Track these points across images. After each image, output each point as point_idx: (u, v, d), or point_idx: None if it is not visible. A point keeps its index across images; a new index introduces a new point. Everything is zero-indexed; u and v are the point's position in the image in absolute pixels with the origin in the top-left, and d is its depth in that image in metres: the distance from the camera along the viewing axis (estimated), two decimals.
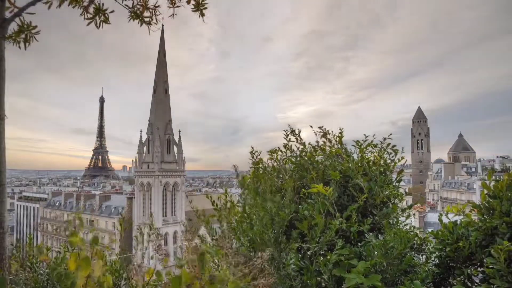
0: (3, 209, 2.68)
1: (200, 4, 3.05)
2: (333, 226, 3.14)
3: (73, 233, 1.74)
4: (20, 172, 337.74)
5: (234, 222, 4.01)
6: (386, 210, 3.52)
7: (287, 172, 4.09)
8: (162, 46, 68.84)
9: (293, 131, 4.28)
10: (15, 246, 4.08)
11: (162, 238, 52.81)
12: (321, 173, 3.80)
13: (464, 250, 2.90)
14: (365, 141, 3.96)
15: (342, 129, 4.13)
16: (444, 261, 3.11)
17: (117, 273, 3.94)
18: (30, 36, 2.85)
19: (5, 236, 2.71)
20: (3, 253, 2.61)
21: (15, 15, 2.67)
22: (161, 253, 2.63)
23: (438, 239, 3.17)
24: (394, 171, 3.86)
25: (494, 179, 3.04)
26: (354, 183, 3.58)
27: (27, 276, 3.57)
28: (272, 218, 3.47)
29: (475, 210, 3.08)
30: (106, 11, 2.90)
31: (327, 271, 2.94)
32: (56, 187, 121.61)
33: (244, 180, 4.24)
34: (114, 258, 4.32)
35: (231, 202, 4.27)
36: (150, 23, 3.08)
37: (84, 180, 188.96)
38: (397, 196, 3.71)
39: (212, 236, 3.95)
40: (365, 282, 2.65)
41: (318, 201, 3.40)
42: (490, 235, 2.83)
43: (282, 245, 3.40)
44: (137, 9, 3.05)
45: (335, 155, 4.00)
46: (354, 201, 3.52)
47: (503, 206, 2.77)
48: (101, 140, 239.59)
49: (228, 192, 4.40)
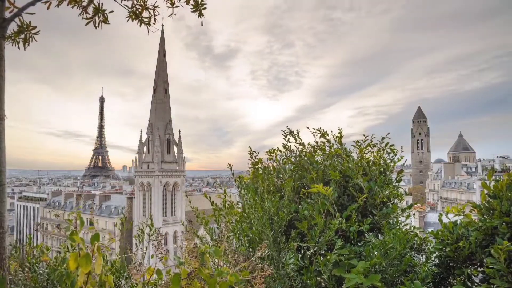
0: (3, 209, 2.68)
1: (199, 4, 3.04)
2: (333, 226, 3.14)
3: (73, 232, 1.74)
4: (20, 172, 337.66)
5: (233, 222, 4.01)
6: (386, 210, 3.52)
7: (287, 172, 4.09)
8: (162, 46, 68.84)
9: (291, 132, 4.28)
10: (14, 246, 4.08)
11: (162, 237, 52.81)
12: (321, 173, 3.80)
13: (464, 250, 2.90)
14: (365, 141, 3.96)
15: (341, 129, 4.13)
16: (444, 261, 3.11)
17: (117, 273, 3.95)
18: (29, 36, 2.85)
19: (5, 236, 2.71)
20: (3, 253, 2.61)
21: (15, 15, 2.67)
22: (160, 251, 2.63)
23: (438, 239, 3.17)
24: (394, 171, 3.86)
25: (494, 179, 3.04)
26: (354, 183, 3.58)
27: (26, 276, 3.56)
28: (271, 218, 3.47)
29: (475, 210, 3.08)
30: (105, 11, 2.90)
31: (326, 271, 2.94)
32: (56, 187, 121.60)
33: (241, 180, 4.24)
34: (114, 258, 4.32)
35: (230, 202, 4.27)
36: (149, 23, 3.08)
37: (84, 180, 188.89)
38: (397, 196, 3.71)
39: (212, 236, 3.95)
40: (365, 282, 2.64)
41: (318, 201, 3.40)
42: (490, 235, 2.83)
43: (281, 245, 3.40)
44: (136, 9, 3.05)
45: (335, 155, 3.99)
46: (354, 201, 3.51)
47: (503, 206, 2.77)
48: (101, 140, 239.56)
49: (228, 192, 4.40)
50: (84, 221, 1.95)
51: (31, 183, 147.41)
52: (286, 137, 4.29)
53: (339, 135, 4.13)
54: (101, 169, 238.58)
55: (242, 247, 3.65)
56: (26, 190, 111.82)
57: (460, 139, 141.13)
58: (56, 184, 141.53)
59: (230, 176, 4.63)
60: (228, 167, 4.51)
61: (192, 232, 3.43)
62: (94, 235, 1.77)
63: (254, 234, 3.55)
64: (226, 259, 2.77)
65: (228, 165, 4.53)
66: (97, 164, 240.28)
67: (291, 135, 4.29)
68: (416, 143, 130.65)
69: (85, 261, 1.66)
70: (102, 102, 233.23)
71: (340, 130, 4.13)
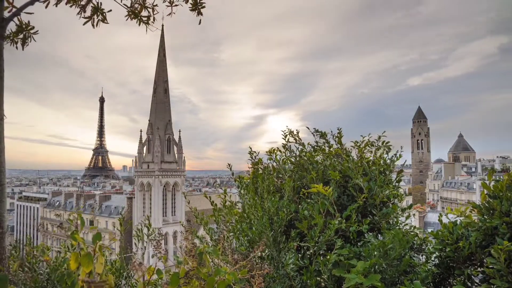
0: (3, 209, 2.68)
1: (198, 3, 3.03)
2: (333, 226, 3.14)
3: (73, 232, 1.73)
4: (20, 172, 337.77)
5: (233, 222, 4.01)
6: (386, 210, 3.51)
7: (287, 172, 4.08)
8: (162, 45, 68.79)
9: (291, 132, 4.28)
10: (14, 246, 4.07)
11: (162, 237, 52.73)
12: (321, 173, 3.79)
13: (464, 250, 2.90)
14: (363, 141, 3.95)
15: (340, 128, 4.13)
16: (444, 261, 3.10)
17: (117, 273, 3.95)
18: (28, 36, 2.84)
19: (5, 236, 2.71)
20: (3, 253, 2.61)
21: (14, 14, 2.66)
22: (159, 251, 2.63)
23: (438, 239, 3.16)
24: (393, 171, 3.85)
25: (494, 179, 3.03)
26: (353, 183, 3.57)
27: (26, 276, 3.56)
28: (271, 218, 3.47)
29: (475, 210, 3.08)
30: (104, 10, 2.90)
31: (326, 271, 2.94)
32: (56, 187, 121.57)
33: (241, 180, 4.24)
34: (114, 258, 4.32)
35: (230, 202, 4.27)
36: (148, 23, 3.07)
37: (84, 180, 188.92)
38: (397, 196, 3.70)
39: (211, 236, 3.95)
40: (365, 282, 2.64)
41: (317, 201, 3.40)
42: (490, 235, 2.82)
43: (281, 245, 3.40)
44: (135, 9, 3.04)
45: (335, 155, 3.99)
46: (354, 201, 3.51)
47: (503, 206, 2.77)
48: (101, 140, 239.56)
49: (228, 192, 4.39)
50: (84, 221, 1.95)
51: (31, 183, 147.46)
52: (286, 137, 4.28)
53: (338, 135, 4.13)
54: (101, 169, 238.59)
55: (242, 247, 3.65)
56: (26, 190, 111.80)
57: (460, 139, 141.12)
58: (56, 184, 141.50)
59: (230, 176, 4.61)
60: (231, 169, 4.49)
61: (191, 232, 3.43)
62: (95, 234, 1.77)
63: (254, 234, 3.54)
64: (225, 259, 2.76)
65: (228, 165, 4.52)
66: (97, 164, 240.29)
67: (291, 135, 4.29)
68: (416, 143, 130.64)
69: (86, 260, 1.65)
70: (102, 102, 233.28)
71: (339, 130, 4.13)
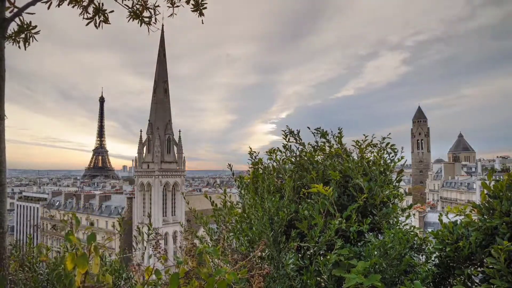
0: (3, 209, 2.68)
1: (199, 4, 3.04)
2: (333, 226, 3.14)
3: (68, 232, 1.73)
4: (20, 172, 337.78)
5: (233, 222, 4.01)
6: (386, 210, 3.52)
7: (287, 172, 4.08)
8: (162, 46, 68.84)
9: (291, 132, 4.28)
10: (14, 246, 4.07)
11: (162, 238, 52.92)
12: (321, 173, 3.80)
13: (464, 250, 2.90)
14: (365, 141, 3.96)
15: (341, 128, 4.13)
16: (444, 261, 3.10)
17: (116, 273, 3.95)
18: (29, 36, 2.84)
19: (5, 236, 2.71)
20: (3, 253, 2.61)
21: (15, 14, 2.67)
22: (158, 251, 2.63)
23: (438, 239, 3.16)
24: (394, 171, 3.86)
25: (494, 179, 3.03)
26: (354, 183, 3.57)
27: (26, 276, 3.56)
28: (271, 218, 3.47)
29: (475, 210, 3.08)
30: (105, 11, 2.90)
31: (326, 271, 2.94)
32: (56, 187, 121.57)
33: (241, 180, 4.24)
34: (114, 258, 4.32)
35: (230, 202, 4.26)
36: (150, 23, 3.08)
37: (84, 180, 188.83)
38: (397, 196, 3.70)
39: (212, 236, 3.95)
40: (365, 282, 2.64)
41: (318, 201, 3.40)
42: (490, 235, 2.82)
43: (281, 245, 3.40)
44: (136, 9, 3.04)
45: (335, 155, 3.99)
46: (354, 201, 3.51)
47: (503, 206, 2.77)
48: (101, 140, 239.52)
49: (228, 192, 4.39)
50: (79, 221, 1.94)
51: (31, 183, 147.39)
52: (286, 137, 4.28)
53: (339, 135, 4.13)
54: (101, 169, 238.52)
55: (242, 247, 3.65)
56: (26, 190, 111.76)
57: (460, 139, 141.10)
58: (56, 184, 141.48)
59: (230, 176, 4.61)
60: (232, 169, 4.49)
61: (190, 232, 3.43)
62: (90, 235, 1.77)
63: (254, 234, 3.54)
64: (225, 259, 2.76)
65: (228, 165, 4.52)
66: (97, 164, 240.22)
67: (291, 135, 4.29)
68: (416, 143, 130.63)
69: (81, 261, 1.65)
70: (102, 102, 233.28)
71: (340, 130, 4.13)
